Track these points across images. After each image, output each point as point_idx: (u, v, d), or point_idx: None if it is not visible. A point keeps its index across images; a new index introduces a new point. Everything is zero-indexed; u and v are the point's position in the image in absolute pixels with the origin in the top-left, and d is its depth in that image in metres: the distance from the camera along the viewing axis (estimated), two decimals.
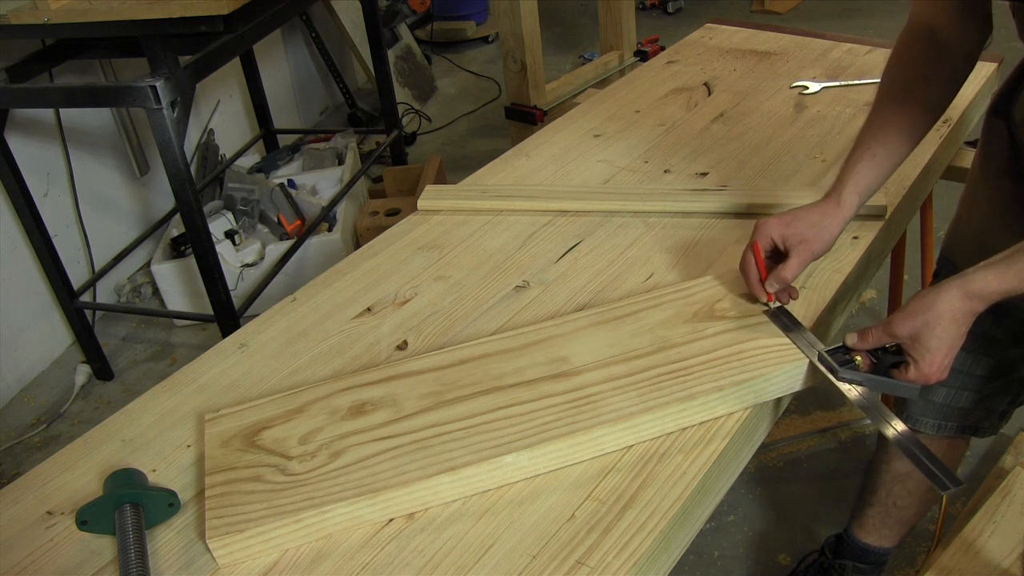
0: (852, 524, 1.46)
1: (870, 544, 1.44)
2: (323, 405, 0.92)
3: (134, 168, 2.71)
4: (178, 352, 2.51)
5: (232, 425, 0.91)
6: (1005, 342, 1.09)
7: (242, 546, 0.78)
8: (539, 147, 1.52)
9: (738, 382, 0.88)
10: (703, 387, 0.88)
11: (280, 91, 3.49)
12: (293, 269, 2.47)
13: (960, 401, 1.17)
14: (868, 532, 1.43)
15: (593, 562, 0.75)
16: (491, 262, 1.20)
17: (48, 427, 2.25)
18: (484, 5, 4.60)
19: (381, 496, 0.80)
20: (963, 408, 1.18)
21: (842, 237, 1.16)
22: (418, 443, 0.85)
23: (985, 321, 1.08)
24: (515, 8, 2.49)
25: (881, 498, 1.38)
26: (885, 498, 1.37)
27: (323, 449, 0.86)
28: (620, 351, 0.94)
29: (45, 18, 1.91)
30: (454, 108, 3.93)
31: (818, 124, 1.47)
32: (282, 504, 0.80)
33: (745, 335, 0.95)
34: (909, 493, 1.33)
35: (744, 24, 1.97)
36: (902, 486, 1.33)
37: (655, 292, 1.04)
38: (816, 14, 4.42)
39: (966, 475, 1.79)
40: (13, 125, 2.22)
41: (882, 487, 1.37)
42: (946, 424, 1.20)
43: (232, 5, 1.90)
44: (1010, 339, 1.09)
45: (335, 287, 1.18)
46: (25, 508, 0.87)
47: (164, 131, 1.82)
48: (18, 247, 2.31)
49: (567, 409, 0.87)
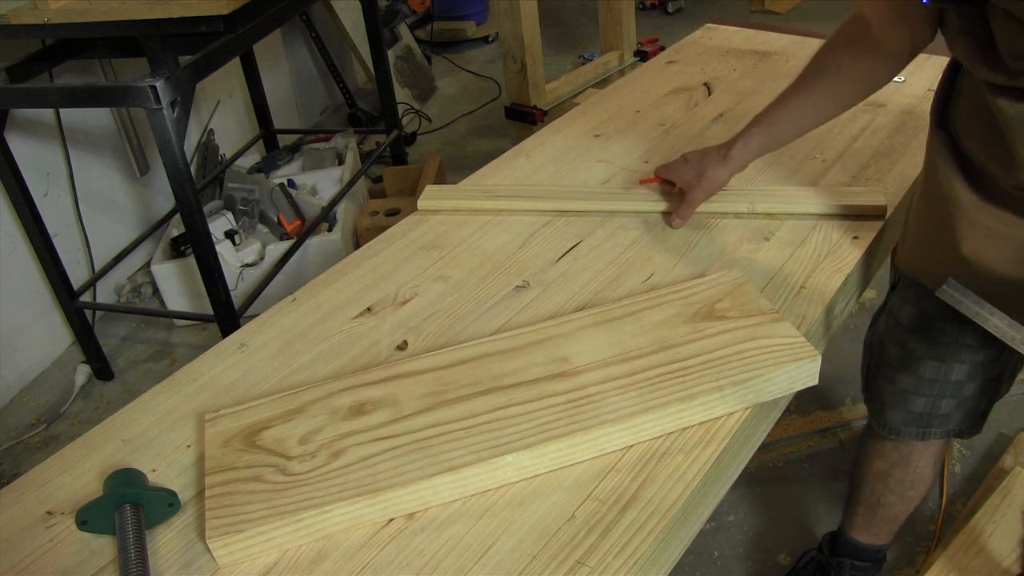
0: (844, 522, 1.47)
1: (863, 542, 1.44)
2: (323, 405, 0.92)
3: (134, 168, 2.71)
4: (178, 352, 2.51)
5: (232, 425, 0.91)
6: (975, 346, 1.09)
7: (242, 546, 0.78)
8: (539, 147, 1.52)
9: (738, 382, 0.88)
10: (703, 387, 0.88)
11: (280, 91, 3.49)
12: (293, 269, 2.47)
13: (940, 408, 1.17)
14: (859, 530, 1.44)
15: (593, 562, 0.75)
16: (491, 262, 1.20)
17: (48, 427, 2.25)
18: (484, 5, 4.60)
19: (381, 496, 0.80)
20: (944, 415, 1.18)
21: (842, 237, 1.16)
22: (418, 443, 0.85)
23: (953, 331, 1.08)
24: (515, 8, 2.49)
25: (866, 496, 1.38)
26: (869, 496, 1.37)
27: (323, 449, 0.86)
28: (620, 351, 0.94)
29: (45, 18, 1.91)
30: (454, 108, 3.92)
31: None
32: (282, 504, 0.80)
33: (745, 335, 0.95)
34: (891, 491, 1.34)
35: (744, 24, 1.97)
36: (883, 484, 1.34)
37: (655, 292, 1.04)
38: (816, 14, 4.41)
39: (966, 475, 1.79)
40: (13, 125, 2.22)
41: (865, 485, 1.37)
42: (929, 431, 1.20)
43: (232, 5, 1.89)
44: (980, 342, 1.08)
45: (335, 287, 1.18)
46: (25, 508, 0.87)
47: (164, 131, 1.82)
48: (18, 247, 2.31)
49: (567, 409, 0.87)
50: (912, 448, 1.28)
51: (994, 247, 0.94)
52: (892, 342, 1.17)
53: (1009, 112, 0.84)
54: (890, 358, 1.18)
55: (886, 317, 1.19)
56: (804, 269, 1.11)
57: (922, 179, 1.06)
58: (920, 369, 1.14)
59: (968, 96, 0.93)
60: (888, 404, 1.21)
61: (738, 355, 0.92)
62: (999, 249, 0.94)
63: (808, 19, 4.37)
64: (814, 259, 1.13)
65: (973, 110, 0.92)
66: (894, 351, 1.17)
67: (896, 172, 1.31)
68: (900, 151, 1.37)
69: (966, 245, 0.96)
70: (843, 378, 2.01)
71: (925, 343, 1.12)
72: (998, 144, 0.88)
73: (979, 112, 0.90)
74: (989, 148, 0.91)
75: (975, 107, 0.92)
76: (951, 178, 0.96)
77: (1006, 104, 0.84)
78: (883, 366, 1.20)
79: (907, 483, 1.32)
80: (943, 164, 0.97)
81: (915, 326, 1.12)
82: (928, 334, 1.11)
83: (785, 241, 1.17)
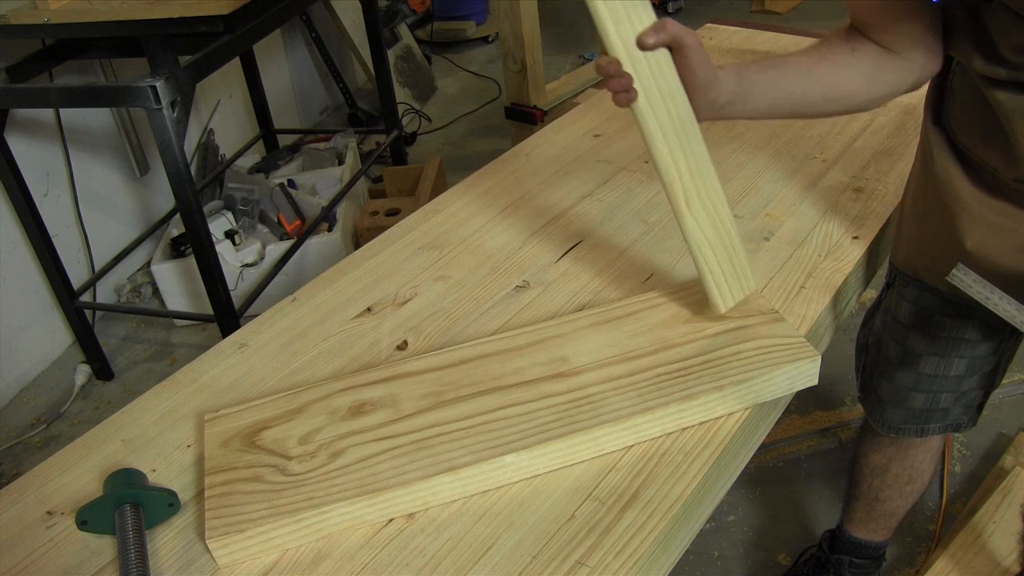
0: (843, 519, 1.47)
1: (861, 538, 1.45)
2: (323, 405, 0.92)
3: (134, 168, 2.71)
4: (178, 352, 2.51)
5: (232, 425, 0.91)
6: (974, 340, 1.10)
7: (242, 546, 0.78)
8: (539, 147, 1.52)
9: (738, 382, 0.88)
10: (703, 387, 0.88)
11: (280, 91, 3.49)
12: (293, 269, 2.47)
13: (939, 403, 1.18)
14: (857, 526, 1.44)
15: (593, 562, 0.75)
16: (491, 262, 1.20)
17: (48, 427, 2.25)
18: (484, 5, 4.60)
19: (381, 496, 0.80)
20: (943, 409, 1.19)
21: (842, 237, 1.16)
22: (418, 443, 0.85)
23: (953, 325, 1.09)
24: (515, 8, 2.49)
25: (863, 491, 1.39)
26: (867, 491, 1.38)
27: (323, 449, 0.86)
28: (620, 351, 0.94)
29: (45, 18, 1.91)
30: (454, 108, 3.93)
31: (818, 124, 1.47)
32: (282, 504, 0.80)
33: (745, 335, 0.95)
34: (888, 486, 1.34)
35: (744, 24, 1.97)
36: (880, 479, 1.34)
37: (655, 292, 1.04)
38: (816, 14, 4.42)
39: (966, 475, 1.79)
40: (13, 125, 2.22)
41: (863, 481, 1.37)
42: (928, 427, 1.21)
43: (232, 5, 1.90)
44: (980, 336, 1.09)
45: (335, 287, 1.18)
46: (25, 508, 0.87)
47: (164, 131, 1.82)
48: (18, 247, 2.31)
49: (567, 409, 0.87)
50: (910, 442, 1.28)
51: (996, 240, 0.94)
52: (890, 340, 1.17)
53: (1009, 105, 0.84)
54: (888, 356, 1.18)
55: (882, 315, 1.19)
56: (804, 269, 1.11)
57: (918, 176, 1.06)
58: (920, 365, 1.14)
59: (962, 91, 0.93)
60: (887, 403, 1.21)
61: (738, 355, 0.92)
62: (1001, 241, 0.94)
63: (808, 19, 4.37)
64: (814, 259, 1.13)
65: (968, 105, 0.92)
66: (893, 349, 1.17)
67: (896, 172, 1.31)
68: (900, 151, 1.37)
69: (970, 239, 0.96)
70: (843, 378, 2.01)
71: (925, 339, 1.12)
72: (997, 138, 0.88)
73: (975, 107, 0.90)
74: (987, 142, 0.91)
75: (970, 102, 0.91)
76: (951, 173, 0.96)
77: (1006, 97, 0.84)
78: (881, 364, 1.20)
79: (904, 478, 1.33)
80: (942, 160, 0.97)
81: (914, 322, 1.12)
82: (928, 330, 1.11)
83: (785, 241, 1.17)
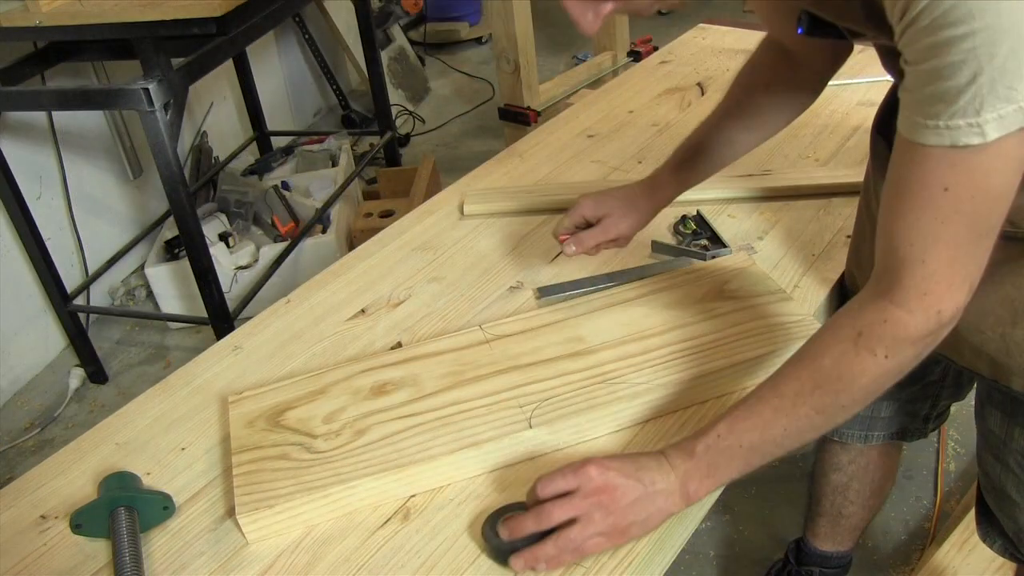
0: (808, 532, 1.47)
1: (827, 551, 1.46)
2: (345, 386, 0.93)
3: (127, 171, 2.70)
4: (172, 355, 2.51)
5: (255, 407, 0.92)
6: None
7: (271, 521, 0.80)
8: (533, 148, 1.52)
9: (750, 358, 0.91)
10: (716, 363, 0.91)
11: (273, 93, 3.48)
12: (287, 271, 2.47)
13: (881, 411, 1.19)
14: (822, 540, 1.45)
15: (589, 562, 0.75)
16: (484, 263, 1.20)
17: (42, 431, 2.25)
18: (477, 6, 4.60)
19: (406, 471, 0.82)
20: (885, 417, 1.20)
21: (839, 237, 1.17)
22: (441, 420, 0.87)
23: None
24: (508, 9, 2.49)
25: (826, 509, 1.39)
26: (830, 509, 1.39)
27: (347, 428, 0.87)
28: (634, 330, 0.97)
29: (37, 20, 1.90)
30: (448, 109, 3.93)
31: (811, 123, 1.48)
32: (309, 480, 0.81)
33: (755, 314, 0.98)
34: (851, 503, 1.36)
35: (737, 24, 1.97)
36: (843, 497, 1.35)
37: (663, 275, 1.07)
38: None
39: (960, 473, 1.80)
40: (5, 128, 2.22)
41: (825, 499, 1.38)
42: (871, 434, 1.22)
43: (225, 7, 1.89)
44: None
45: (329, 289, 1.18)
46: (19, 512, 0.87)
47: (157, 133, 1.82)
48: (11, 250, 2.30)
49: (584, 386, 0.89)
50: (868, 459, 1.29)
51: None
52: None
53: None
54: None
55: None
56: (798, 268, 1.11)
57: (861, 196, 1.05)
58: None
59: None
60: None
61: (749, 333, 0.95)
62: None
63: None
64: (808, 259, 1.13)
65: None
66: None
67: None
68: None
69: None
70: None
71: None
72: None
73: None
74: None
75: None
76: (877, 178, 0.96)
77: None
78: None
79: (867, 493, 1.34)
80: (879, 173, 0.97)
81: None
82: None
83: (782, 238, 1.17)
